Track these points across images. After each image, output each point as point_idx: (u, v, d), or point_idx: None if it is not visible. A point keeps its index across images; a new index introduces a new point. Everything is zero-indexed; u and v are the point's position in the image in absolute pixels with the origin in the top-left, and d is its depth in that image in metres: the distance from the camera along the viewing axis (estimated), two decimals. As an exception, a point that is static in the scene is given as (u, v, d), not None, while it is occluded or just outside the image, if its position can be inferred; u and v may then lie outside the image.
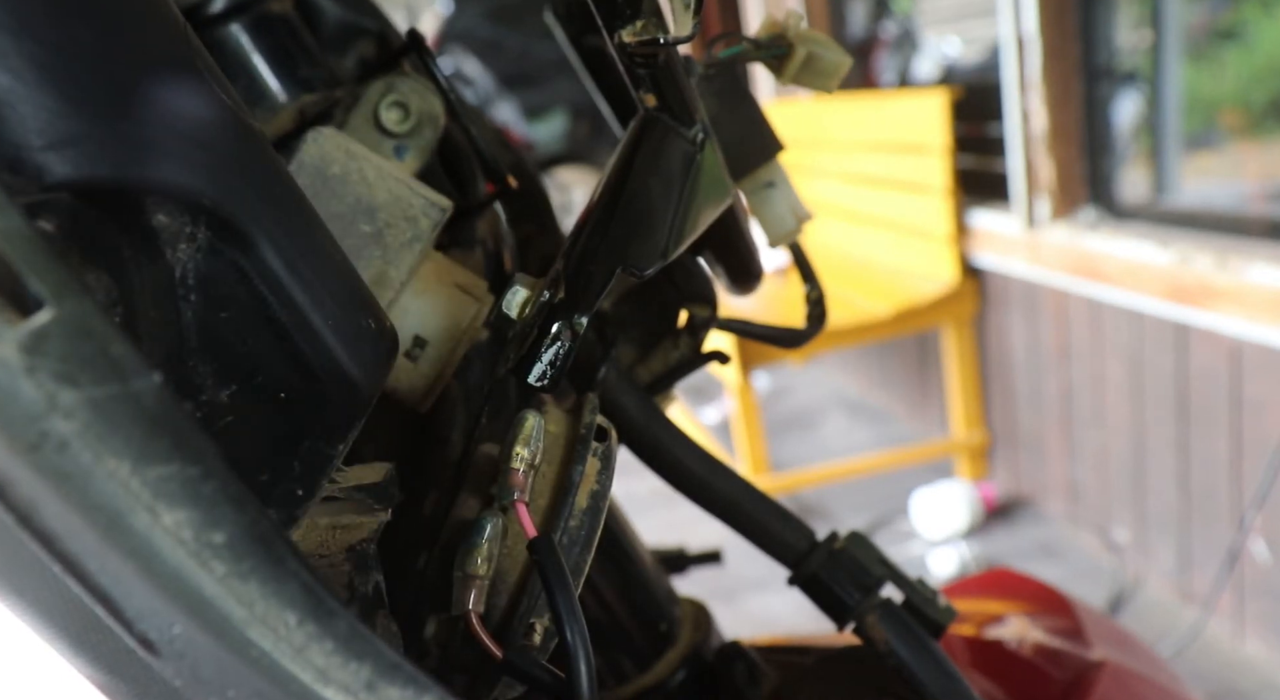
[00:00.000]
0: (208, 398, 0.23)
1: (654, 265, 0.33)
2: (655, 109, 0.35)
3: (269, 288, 0.23)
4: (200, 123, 0.22)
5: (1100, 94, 1.95)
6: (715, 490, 0.45)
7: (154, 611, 0.17)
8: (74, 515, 0.15)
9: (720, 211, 0.38)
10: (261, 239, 0.23)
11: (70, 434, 0.15)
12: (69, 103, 0.19)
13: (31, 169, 0.19)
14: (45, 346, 0.14)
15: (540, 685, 0.26)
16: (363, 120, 0.39)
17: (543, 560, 0.26)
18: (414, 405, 0.35)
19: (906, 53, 3.64)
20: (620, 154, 0.35)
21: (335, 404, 0.25)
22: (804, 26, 0.43)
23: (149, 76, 0.21)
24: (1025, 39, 1.92)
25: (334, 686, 0.17)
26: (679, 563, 0.62)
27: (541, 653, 0.28)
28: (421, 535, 0.33)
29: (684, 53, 0.37)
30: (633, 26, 0.32)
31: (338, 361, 0.24)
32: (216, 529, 0.16)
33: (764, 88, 3.41)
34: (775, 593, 1.93)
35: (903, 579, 0.46)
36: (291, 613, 0.16)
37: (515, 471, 0.27)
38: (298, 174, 0.32)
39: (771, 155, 0.46)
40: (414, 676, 0.17)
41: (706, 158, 0.37)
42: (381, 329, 0.26)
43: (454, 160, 0.44)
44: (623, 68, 0.35)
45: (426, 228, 0.34)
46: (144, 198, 0.21)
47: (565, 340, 0.30)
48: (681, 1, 0.32)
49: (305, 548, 0.26)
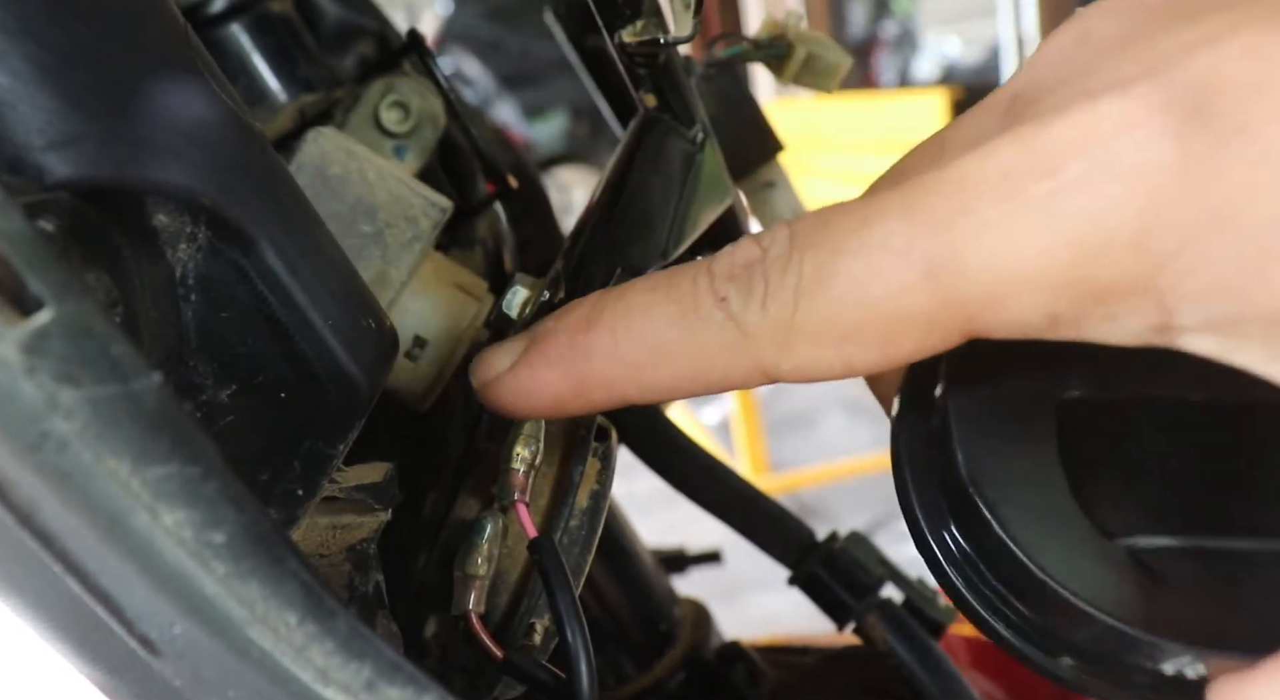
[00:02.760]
0: (208, 398, 0.23)
1: (654, 265, 0.33)
2: (655, 109, 0.35)
3: (269, 288, 0.23)
4: (200, 123, 0.22)
5: (1100, 94, 1.96)
6: (715, 490, 0.45)
7: (154, 611, 0.17)
8: (74, 515, 0.15)
9: (720, 211, 0.38)
10: (262, 239, 0.23)
11: (71, 434, 0.15)
12: (69, 103, 0.19)
13: (32, 169, 0.19)
14: (46, 346, 0.14)
15: (540, 685, 0.26)
16: (363, 120, 0.39)
17: (543, 560, 0.26)
18: (414, 405, 0.35)
19: (906, 53, 3.64)
20: (620, 154, 0.35)
21: (335, 404, 0.25)
22: (804, 26, 0.44)
23: (149, 76, 0.21)
24: (1025, 39, 1.92)
25: (334, 686, 0.17)
26: (679, 563, 0.62)
27: (542, 653, 0.28)
28: (421, 535, 0.33)
29: (684, 53, 0.37)
30: (633, 27, 0.32)
31: (338, 361, 0.24)
32: (217, 529, 0.16)
33: (764, 88, 3.42)
34: (775, 593, 1.93)
35: (903, 579, 0.46)
36: (292, 612, 0.16)
37: (515, 471, 0.27)
38: (298, 174, 0.32)
39: (771, 155, 0.46)
40: (414, 676, 0.17)
41: (706, 158, 0.37)
42: (382, 329, 0.26)
43: (454, 160, 0.44)
44: (623, 68, 0.35)
45: (427, 228, 0.34)
46: (144, 198, 0.21)
47: (565, 340, 0.30)
48: (681, 1, 0.32)
49: (305, 547, 0.26)
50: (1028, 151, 0.19)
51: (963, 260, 0.19)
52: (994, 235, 0.19)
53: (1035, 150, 0.19)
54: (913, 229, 0.20)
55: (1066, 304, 0.19)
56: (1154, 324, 0.19)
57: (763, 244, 0.22)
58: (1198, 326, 0.19)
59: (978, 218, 0.19)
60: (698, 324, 0.22)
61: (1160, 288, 0.18)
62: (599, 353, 0.23)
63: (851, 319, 0.21)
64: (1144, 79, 0.19)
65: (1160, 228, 0.18)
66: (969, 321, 0.20)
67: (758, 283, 0.22)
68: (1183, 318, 0.19)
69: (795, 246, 0.22)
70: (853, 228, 0.21)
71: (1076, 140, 0.19)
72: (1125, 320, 0.19)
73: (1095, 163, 0.19)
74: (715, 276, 0.22)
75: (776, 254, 0.22)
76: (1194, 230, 0.18)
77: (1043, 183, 0.19)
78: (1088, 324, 0.19)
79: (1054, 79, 0.21)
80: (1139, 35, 0.20)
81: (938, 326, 0.20)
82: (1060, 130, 0.19)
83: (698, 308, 0.22)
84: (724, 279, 0.22)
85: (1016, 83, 0.23)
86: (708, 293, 0.22)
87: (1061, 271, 0.19)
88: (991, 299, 0.20)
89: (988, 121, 0.23)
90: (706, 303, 0.22)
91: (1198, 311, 0.18)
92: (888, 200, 0.21)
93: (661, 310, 0.23)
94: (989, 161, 0.20)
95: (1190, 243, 0.18)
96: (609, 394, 0.24)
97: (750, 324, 0.22)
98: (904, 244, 0.20)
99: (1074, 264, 0.19)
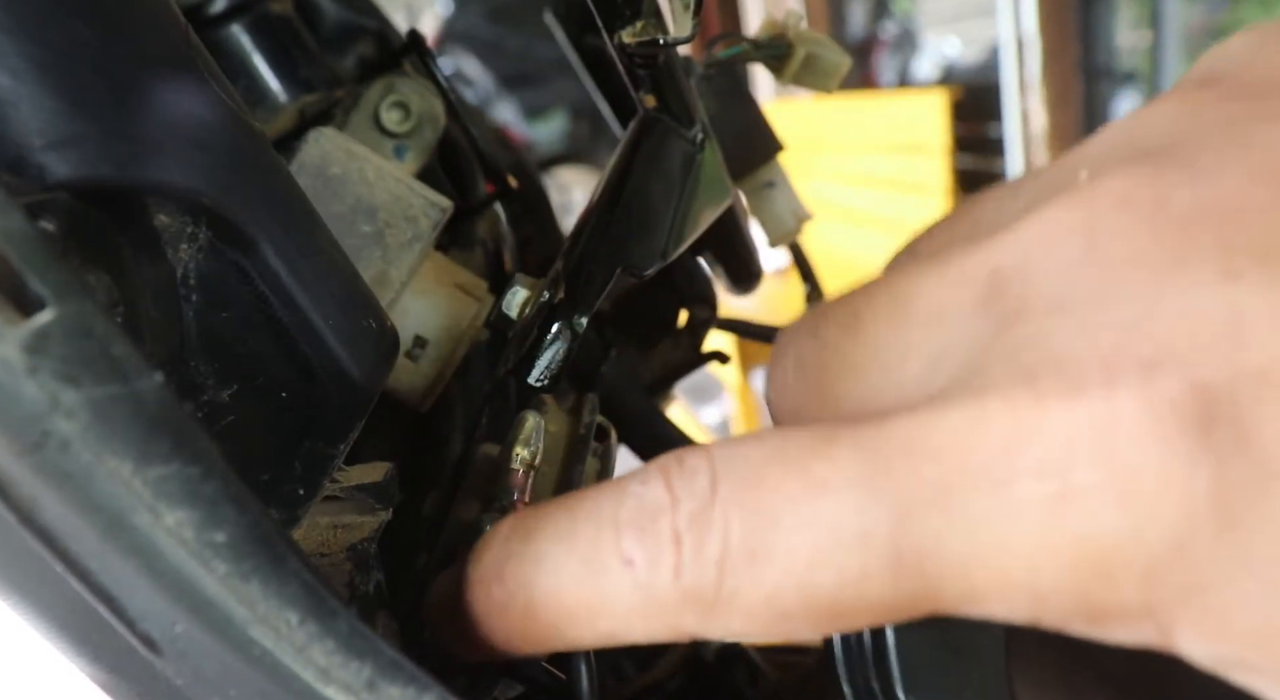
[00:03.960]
0: (209, 398, 0.23)
1: (654, 265, 0.33)
2: (655, 109, 0.35)
3: (270, 288, 0.23)
4: (201, 123, 0.22)
5: (1100, 94, 1.96)
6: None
7: (156, 611, 0.17)
8: (75, 515, 0.16)
9: (720, 212, 0.38)
10: (262, 239, 0.23)
11: (72, 434, 0.15)
12: (69, 102, 0.19)
13: (32, 169, 0.19)
14: (47, 347, 0.14)
15: (539, 686, 0.26)
16: (363, 120, 0.39)
17: None
18: (414, 405, 0.36)
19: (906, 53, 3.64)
20: (620, 154, 0.35)
21: (336, 404, 0.25)
22: (804, 26, 0.44)
23: (150, 76, 0.21)
24: (1025, 39, 1.92)
25: (335, 685, 0.17)
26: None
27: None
28: (421, 535, 0.33)
29: (684, 53, 0.37)
30: (633, 27, 0.32)
31: (339, 361, 0.24)
32: (218, 529, 0.16)
33: (764, 88, 3.42)
34: (775, 593, 1.93)
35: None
36: (293, 612, 0.16)
37: (515, 472, 0.27)
38: (298, 174, 0.32)
39: (771, 155, 0.46)
40: (415, 675, 0.17)
41: (706, 158, 0.37)
42: (382, 329, 0.26)
43: (454, 160, 0.44)
44: (623, 68, 0.35)
45: (427, 228, 0.34)
46: (145, 198, 0.21)
47: (565, 340, 0.30)
48: (681, 2, 0.32)
49: (306, 547, 0.26)
50: (1026, 434, 0.16)
51: (939, 555, 0.16)
52: (980, 533, 0.16)
53: (1035, 435, 0.16)
54: (875, 508, 0.17)
55: (1055, 614, 0.17)
56: (1150, 642, 0.17)
57: (674, 489, 0.18)
58: (1202, 657, 0.16)
59: (961, 509, 0.16)
60: (606, 586, 0.19)
61: (1169, 620, 0.16)
62: (515, 612, 0.20)
63: (792, 603, 0.17)
64: (1169, 367, 0.15)
65: (1183, 564, 0.15)
66: (936, 606, 0.17)
67: (666, 547, 0.18)
68: (1187, 647, 0.16)
69: (717, 500, 0.18)
70: (792, 492, 0.17)
71: (1087, 437, 0.16)
72: (1117, 634, 0.17)
73: (1112, 474, 0.15)
74: (620, 529, 0.19)
75: (692, 509, 0.18)
76: (1223, 570, 0.15)
77: (1046, 483, 0.16)
78: (1074, 629, 0.17)
79: (1050, 289, 0.17)
80: (1161, 274, 0.16)
81: (899, 611, 0.17)
82: (1067, 416, 0.16)
83: (605, 570, 0.19)
84: (630, 534, 0.18)
85: (998, 257, 0.18)
86: (612, 552, 0.19)
87: (1055, 585, 0.16)
88: (969, 595, 0.17)
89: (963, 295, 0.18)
90: (612, 564, 0.19)
91: (1206, 647, 0.16)
92: (837, 454, 0.17)
93: (567, 567, 0.19)
94: (975, 433, 0.16)
95: (1215, 586, 0.15)
96: (539, 647, 0.20)
97: (662, 593, 0.18)
98: (862, 528, 0.17)
99: (1072, 582, 0.16)
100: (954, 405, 0.17)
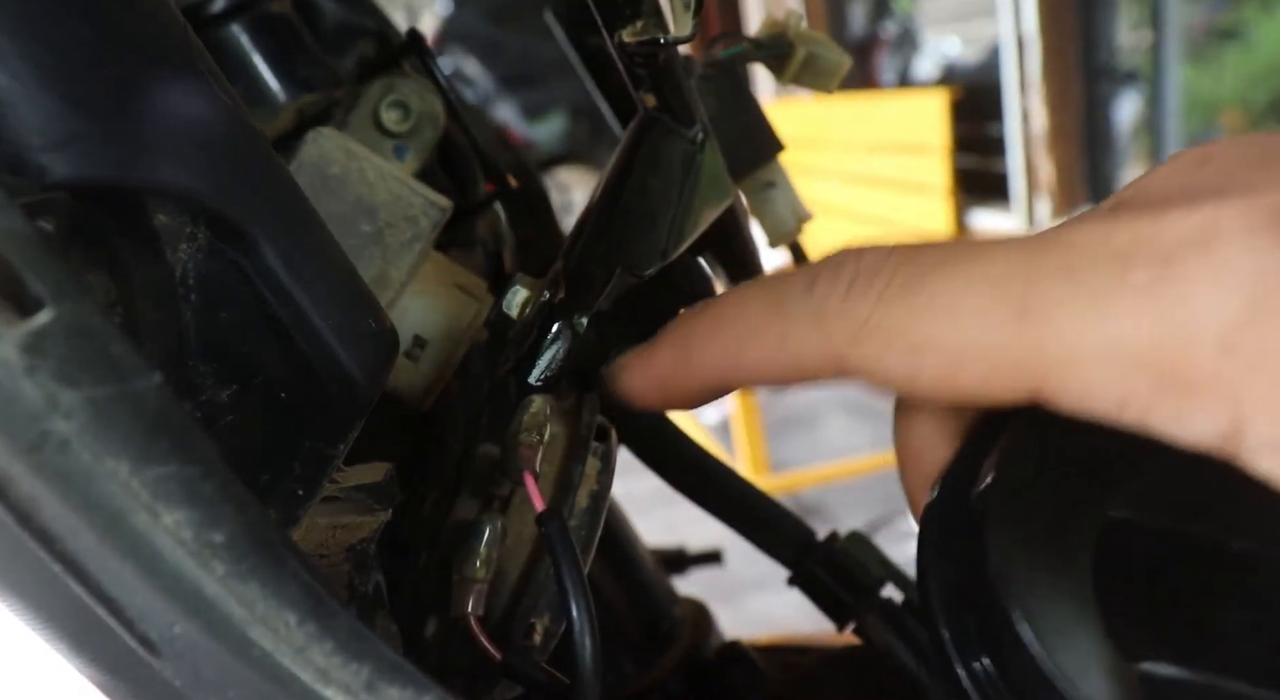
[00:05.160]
0: (208, 398, 0.23)
1: (654, 265, 0.33)
2: (655, 109, 0.35)
3: (269, 288, 0.23)
4: (201, 123, 0.22)
5: (1100, 94, 1.96)
6: (715, 490, 0.45)
7: (154, 611, 0.17)
8: (74, 515, 0.15)
9: (720, 211, 0.38)
10: (262, 239, 0.23)
11: (71, 434, 0.15)
12: (69, 103, 0.19)
13: (32, 169, 0.19)
14: (46, 346, 0.14)
15: (538, 686, 0.26)
16: (363, 120, 0.39)
17: (551, 534, 0.25)
18: (414, 405, 0.35)
19: (906, 53, 3.64)
20: (620, 154, 0.35)
21: (336, 404, 0.25)
22: (804, 26, 0.43)
23: (149, 76, 0.21)
24: (1025, 39, 1.92)
25: (334, 686, 0.17)
26: (679, 563, 0.62)
27: (541, 653, 0.28)
28: (421, 535, 0.33)
29: (684, 53, 0.37)
30: (633, 27, 0.32)
31: (338, 361, 0.24)
32: (217, 529, 0.16)
33: (764, 88, 3.42)
34: (775, 593, 1.93)
35: (903, 579, 0.46)
36: (292, 613, 0.16)
37: (522, 446, 0.27)
38: (298, 174, 0.32)
39: (771, 155, 0.46)
40: (414, 677, 0.17)
41: (706, 158, 0.37)
42: (382, 329, 0.26)
43: (454, 160, 0.44)
44: (622, 68, 0.35)
45: (426, 228, 0.34)
46: (144, 198, 0.21)
47: (565, 340, 0.30)
48: (681, 2, 0.32)
49: (306, 547, 0.26)
50: (1142, 240, 0.20)
51: (1056, 315, 0.20)
52: (1091, 303, 0.20)
53: (1149, 239, 0.20)
54: (1015, 271, 0.21)
55: (1140, 387, 0.19)
56: (1222, 430, 0.19)
57: (863, 251, 0.24)
58: (1265, 443, 0.19)
59: (1080, 283, 0.20)
60: (785, 307, 0.24)
61: (1238, 394, 0.18)
62: (701, 333, 0.26)
63: (926, 331, 0.21)
64: (1269, 191, 0.19)
65: (1254, 336, 0.18)
66: (1038, 379, 0.20)
67: (845, 276, 0.23)
68: (1252, 429, 0.19)
69: (893, 258, 0.23)
70: (957, 255, 0.22)
71: (1191, 237, 0.19)
72: (1194, 419, 0.19)
73: (1206, 262, 0.19)
74: (811, 270, 0.24)
75: (873, 260, 0.23)
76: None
77: (1151, 269, 0.19)
78: (1155, 415, 0.20)
79: (1168, 188, 0.22)
80: (1270, 160, 0.21)
81: (1007, 372, 0.21)
82: (1178, 225, 0.20)
83: (788, 295, 0.24)
84: (818, 273, 0.24)
85: (1123, 193, 0.23)
86: (800, 281, 0.24)
87: (1144, 354, 0.19)
88: (1070, 360, 0.20)
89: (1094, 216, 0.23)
90: (796, 290, 0.24)
91: (1270, 427, 0.18)
92: (995, 245, 0.22)
93: (758, 297, 0.25)
94: (1101, 239, 0.20)
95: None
96: (703, 375, 0.26)
97: (830, 311, 0.23)
98: (1002, 281, 0.21)
99: (1159, 350, 0.19)
100: (1084, 227, 0.21)
